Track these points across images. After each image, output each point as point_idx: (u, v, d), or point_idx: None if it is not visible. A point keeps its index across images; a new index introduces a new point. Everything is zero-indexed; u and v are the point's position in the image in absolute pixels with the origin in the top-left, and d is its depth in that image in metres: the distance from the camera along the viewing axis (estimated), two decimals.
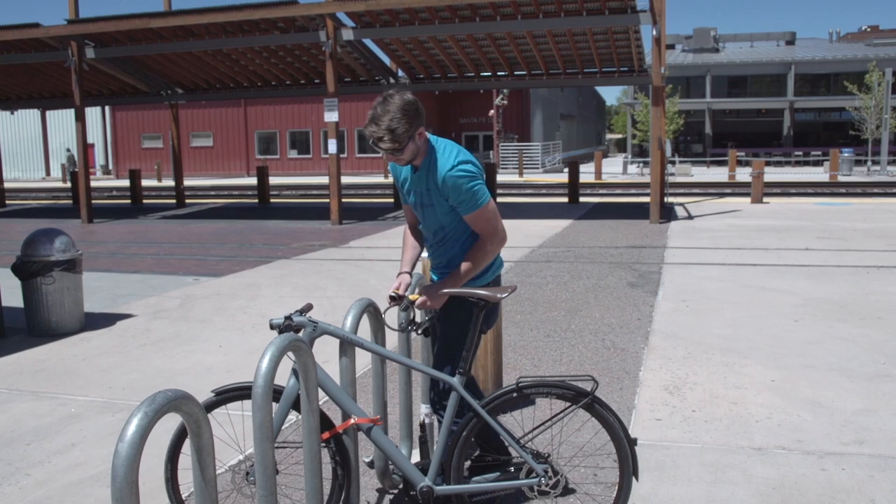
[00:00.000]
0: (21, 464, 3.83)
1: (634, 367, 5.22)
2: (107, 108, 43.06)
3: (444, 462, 2.86)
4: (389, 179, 32.25)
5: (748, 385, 4.77)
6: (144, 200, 23.26)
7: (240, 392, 2.89)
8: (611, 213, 16.21)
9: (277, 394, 2.83)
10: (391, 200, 20.90)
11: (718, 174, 32.54)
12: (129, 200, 23.10)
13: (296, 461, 3.58)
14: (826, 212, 15.46)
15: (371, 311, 3.23)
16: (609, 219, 15.09)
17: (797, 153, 42.70)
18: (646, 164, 35.99)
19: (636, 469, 2.79)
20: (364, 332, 3.01)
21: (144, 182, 28.14)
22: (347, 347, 2.98)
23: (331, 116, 15.16)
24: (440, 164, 2.90)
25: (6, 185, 23.93)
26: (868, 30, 60.88)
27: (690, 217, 15.16)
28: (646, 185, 22.95)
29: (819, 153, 40.21)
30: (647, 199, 15.50)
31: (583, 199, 19.81)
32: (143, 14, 15.64)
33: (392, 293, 3.07)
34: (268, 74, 19.84)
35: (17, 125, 44.50)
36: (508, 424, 3.10)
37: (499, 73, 18.77)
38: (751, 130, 50.80)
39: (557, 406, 2.82)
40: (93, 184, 23.51)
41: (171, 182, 27.20)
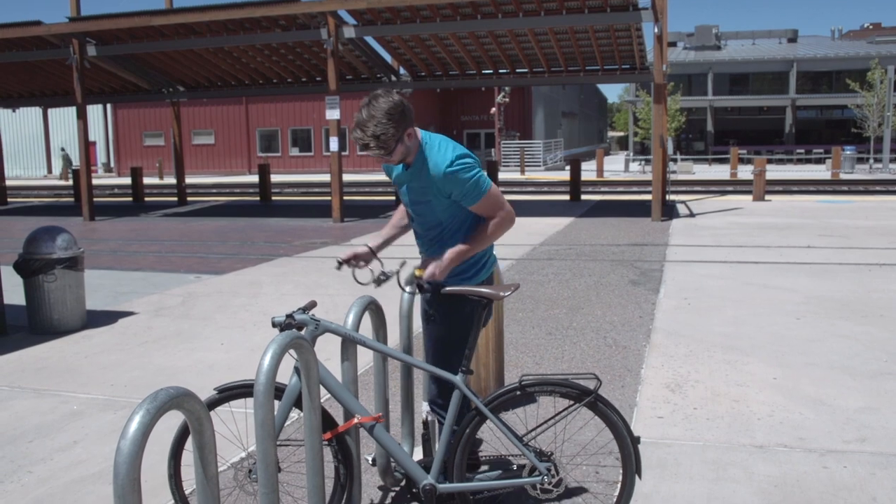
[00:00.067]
0: (23, 461, 3.83)
1: (636, 365, 5.22)
2: (108, 106, 43.03)
3: (447, 460, 2.86)
4: None
5: (750, 383, 4.76)
6: (146, 198, 23.29)
7: (242, 390, 2.90)
8: (612, 211, 16.20)
9: (280, 391, 2.83)
10: (392, 198, 20.90)
11: (720, 172, 32.50)
12: (131, 198, 23.13)
13: (298, 459, 3.58)
14: (828, 209, 15.44)
15: (373, 309, 3.23)
16: (611, 216, 15.09)
17: (799, 151, 42.70)
18: (647, 162, 35.95)
19: (639, 467, 2.79)
20: (366, 330, 3.01)
21: (146, 180, 28.17)
22: (349, 345, 2.98)
23: (332, 114, 15.15)
24: (437, 161, 2.87)
25: (8, 183, 23.94)
26: (870, 27, 60.78)
27: (692, 215, 15.14)
28: (647, 183, 22.93)
29: (821, 151, 40.20)
30: (649, 197, 15.49)
31: (584, 197, 19.79)
32: (145, 12, 15.66)
33: (340, 259, 3.16)
34: (269, 72, 19.83)
35: (19, 123, 44.55)
36: (511, 422, 3.09)
37: (500, 71, 18.75)
38: (753, 128, 50.77)
39: (560, 404, 2.81)
40: (94, 181, 23.51)
41: (173, 180, 27.17)
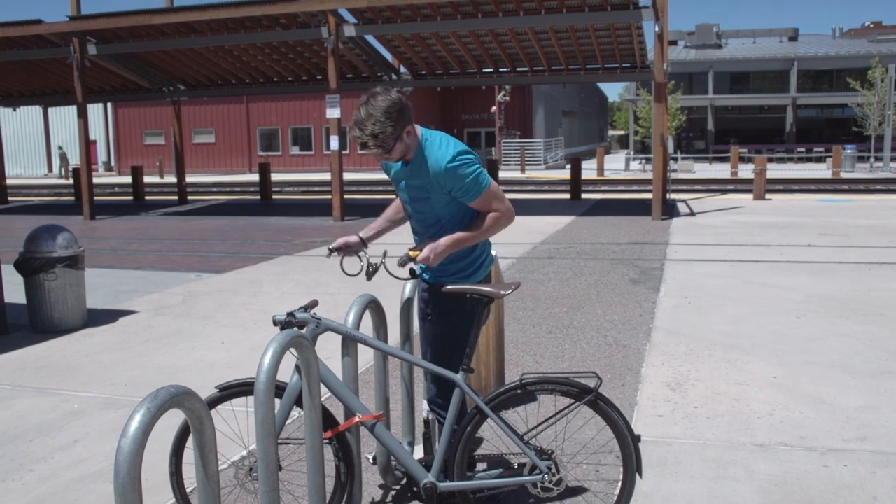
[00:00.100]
0: (24, 460, 3.84)
1: (636, 364, 5.22)
2: (109, 105, 43.05)
3: (448, 458, 2.87)
4: None
5: (750, 381, 4.76)
6: (146, 197, 23.29)
7: (243, 388, 2.90)
8: (613, 210, 16.20)
9: (280, 390, 2.83)
10: (393, 197, 20.82)
11: (721, 171, 32.47)
12: (132, 197, 23.13)
13: (299, 457, 3.58)
14: (828, 208, 15.43)
15: (373, 308, 3.23)
16: (611, 215, 15.08)
17: (800, 150, 42.70)
18: (648, 161, 35.93)
19: (640, 466, 2.79)
20: (366, 329, 3.01)
21: (146, 178, 28.13)
22: (350, 344, 2.98)
23: (333, 113, 15.15)
24: (438, 157, 2.87)
25: (8, 182, 23.94)
26: (871, 26, 60.71)
27: (692, 213, 15.14)
28: (648, 182, 22.90)
29: (822, 150, 40.18)
30: (650, 196, 15.48)
31: (585, 196, 19.79)
32: (145, 10, 15.65)
33: (331, 247, 3.23)
34: (270, 71, 19.83)
35: (20, 122, 44.55)
36: (511, 421, 3.09)
37: (501, 70, 18.74)
38: (753, 127, 50.75)
39: (561, 403, 2.81)
40: (95, 180, 23.48)
41: (173, 178, 27.16)
